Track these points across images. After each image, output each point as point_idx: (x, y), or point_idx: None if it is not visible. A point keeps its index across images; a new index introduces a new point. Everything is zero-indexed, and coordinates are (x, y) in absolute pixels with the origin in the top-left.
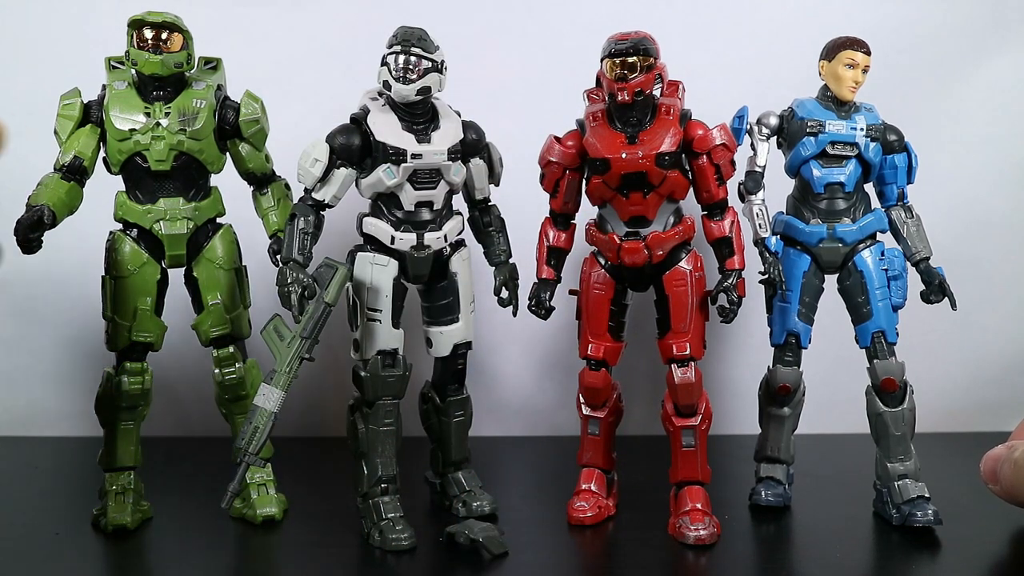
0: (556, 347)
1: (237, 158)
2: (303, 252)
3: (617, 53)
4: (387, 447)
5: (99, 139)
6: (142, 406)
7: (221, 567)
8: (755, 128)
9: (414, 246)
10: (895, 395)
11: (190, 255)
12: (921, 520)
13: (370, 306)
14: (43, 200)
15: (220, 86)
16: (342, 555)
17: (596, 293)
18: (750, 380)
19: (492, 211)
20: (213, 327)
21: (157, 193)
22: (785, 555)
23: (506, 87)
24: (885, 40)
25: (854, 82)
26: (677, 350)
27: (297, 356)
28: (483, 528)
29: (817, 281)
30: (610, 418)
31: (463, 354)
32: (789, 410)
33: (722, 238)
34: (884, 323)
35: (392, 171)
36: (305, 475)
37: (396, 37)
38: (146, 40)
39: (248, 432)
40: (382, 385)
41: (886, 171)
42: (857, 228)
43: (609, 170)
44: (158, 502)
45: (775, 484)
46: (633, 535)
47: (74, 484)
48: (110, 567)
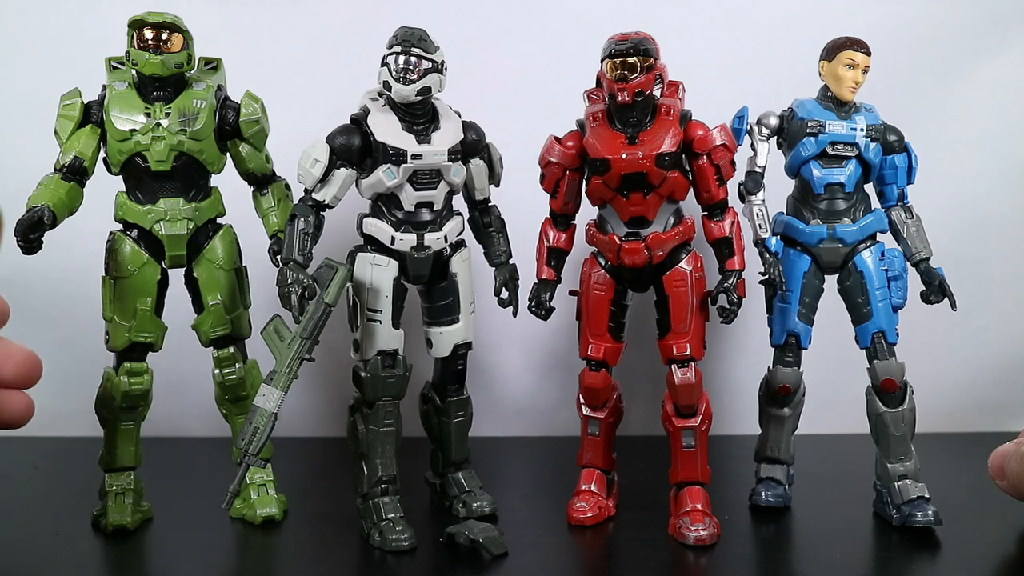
0: (556, 347)
1: (237, 158)
2: (303, 253)
3: (617, 53)
4: (387, 447)
5: (99, 139)
6: (142, 406)
7: (221, 567)
8: (755, 128)
9: (414, 246)
10: (895, 395)
11: (190, 255)
12: (921, 520)
13: (370, 306)
14: (43, 200)
15: (220, 86)
16: (342, 555)
17: (596, 294)
18: (750, 380)
19: (492, 211)
20: (213, 327)
21: (157, 193)
22: (785, 555)
23: (506, 87)
24: (885, 40)
25: (854, 82)
26: (677, 351)
27: (297, 356)
28: (483, 529)
29: (817, 281)
30: (610, 419)
31: (463, 354)
32: (789, 410)
33: (722, 238)
34: (884, 323)
35: (392, 172)
36: (305, 475)
37: (396, 37)
38: (146, 40)
39: (248, 432)
40: (382, 385)
41: (886, 171)
42: (857, 228)
43: (609, 170)
44: (158, 502)
45: (775, 484)
46: (633, 535)
47: (74, 484)
48: (110, 567)
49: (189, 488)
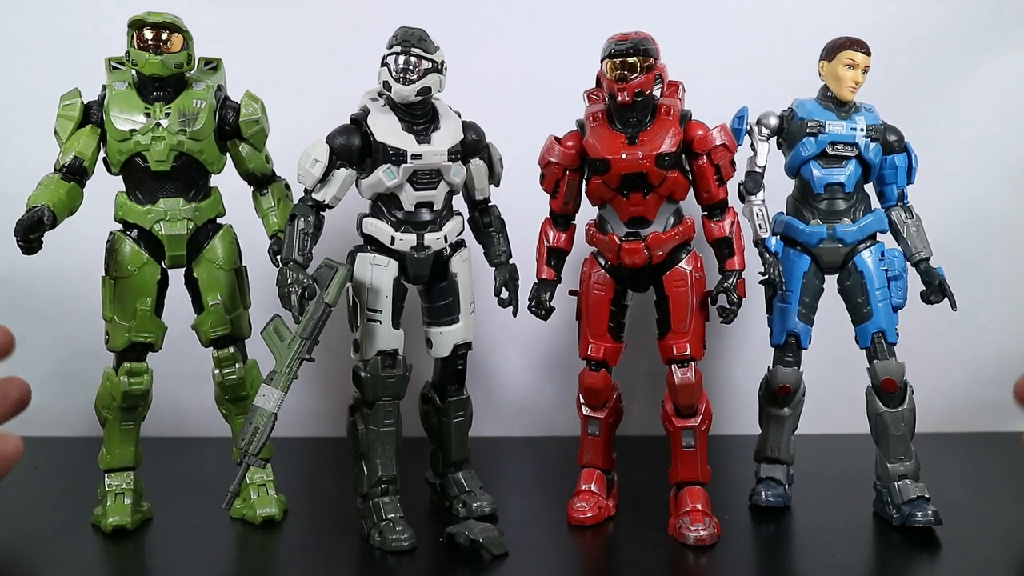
0: (556, 347)
1: (237, 159)
2: (303, 253)
3: (617, 53)
4: (387, 448)
5: (99, 139)
6: (142, 406)
7: (221, 567)
8: (755, 128)
9: (414, 247)
10: (895, 395)
11: (190, 255)
12: (921, 520)
13: (370, 307)
14: (43, 200)
15: (220, 86)
16: (342, 555)
17: (596, 294)
18: (750, 380)
19: (492, 212)
20: (213, 328)
21: (157, 193)
22: (785, 555)
23: (506, 87)
24: (885, 40)
25: (854, 82)
26: (677, 351)
27: (297, 357)
28: (483, 529)
29: (817, 281)
30: (610, 419)
31: (463, 354)
32: (789, 410)
33: (722, 238)
34: (884, 323)
35: (392, 172)
36: (305, 475)
37: (396, 37)
38: (146, 40)
39: (248, 433)
40: (382, 386)
41: (886, 171)
42: (857, 228)
43: (609, 171)
44: (158, 502)
45: (775, 484)
46: (633, 536)
47: (74, 484)
48: (110, 567)
49: (189, 488)
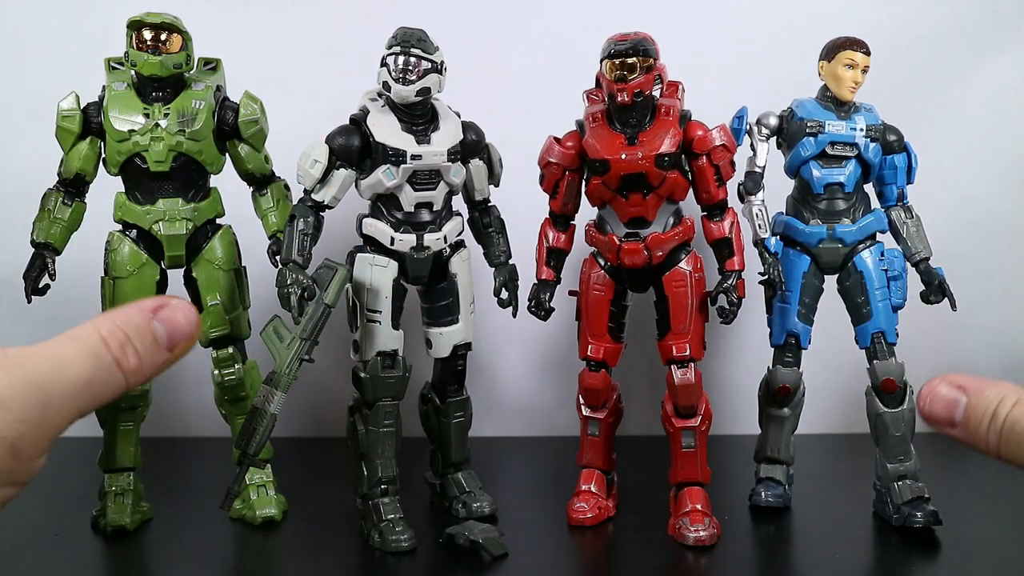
0: (556, 347)
1: (236, 159)
2: (303, 253)
3: (616, 54)
4: (387, 448)
5: (99, 148)
6: (142, 407)
7: (221, 567)
8: (755, 128)
9: (414, 247)
10: (895, 396)
11: (189, 256)
12: (921, 520)
13: (370, 307)
14: (45, 235)
15: (219, 87)
16: (342, 556)
17: (596, 294)
18: (750, 380)
19: (492, 212)
20: (212, 328)
21: (156, 194)
22: (785, 555)
23: (506, 87)
24: (885, 40)
25: (854, 82)
26: (677, 351)
27: (297, 357)
28: (483, 529)
29: (817, 282)
30: (610, 419)
31: (463, 355)
32: (789, 411)
33: (722, 239)
34: (884, 324)
35: (392, 172)
36: (305, 475)
37: (396, 38)
38: (145, 41)
39: (248, 433)
40: (382, 386)
41: (886, 171)
42: (857, 228)
43: (608, 171)
44: (158, 503)
45: (775, 485)
46: (633, 536)
47: (74, 484)
48: (110, 568)
49: (189, 488)
